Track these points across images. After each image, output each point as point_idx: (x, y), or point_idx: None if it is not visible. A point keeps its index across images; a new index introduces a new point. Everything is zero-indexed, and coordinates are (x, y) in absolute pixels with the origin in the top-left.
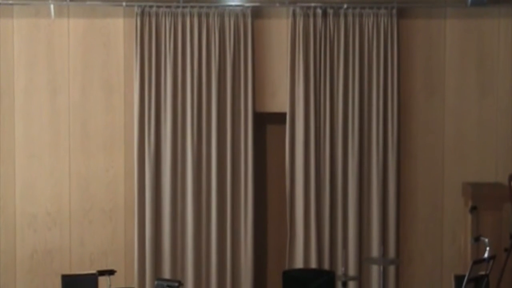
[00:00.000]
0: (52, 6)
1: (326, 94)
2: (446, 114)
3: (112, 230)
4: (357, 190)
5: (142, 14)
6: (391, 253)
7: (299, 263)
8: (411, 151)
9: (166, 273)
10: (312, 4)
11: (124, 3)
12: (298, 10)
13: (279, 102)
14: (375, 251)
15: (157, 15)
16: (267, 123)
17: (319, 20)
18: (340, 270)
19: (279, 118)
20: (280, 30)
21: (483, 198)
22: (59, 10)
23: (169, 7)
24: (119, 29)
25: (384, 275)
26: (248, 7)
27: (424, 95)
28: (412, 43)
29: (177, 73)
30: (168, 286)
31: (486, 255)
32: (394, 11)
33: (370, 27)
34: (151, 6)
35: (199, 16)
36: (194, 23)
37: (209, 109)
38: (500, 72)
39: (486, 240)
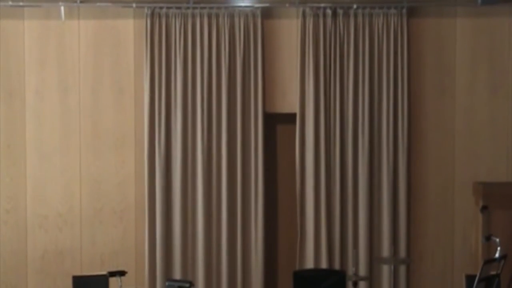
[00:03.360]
0: (62, 8)
1: (336, 94)
2: (457, 113)
3: (123, 230)
4: (368, 189)
5: (152, 15)
6: (402, 252)
7: (309, 263)
8: (422, 150)
9: (177, 274)
10: (322, 4)
11: (134, 4)
12: (308, 10)
13: (289, 102)
14: (385, 251)
15: (167, 16)
16: (277, 124)
17: (329, 20)
18: (350, 270)
19: (289, 118)
20: (290, 31)
21: (494, 197)
22: (69, 12)
23: (179, 8)
24: (129, 30)
25: (394, 275)
26: (258, 7)
27: (435, 94)
28: (422, 42)
29: (187, 73)
30: (179, 286)
31: (497, 254)
32: (404, 10)
33: (380, 27)
34: (161, 7)
35: (209, 16)
36: (204, 24)
37: (219, 110)
38: (510, 70)
39: (497, 239)
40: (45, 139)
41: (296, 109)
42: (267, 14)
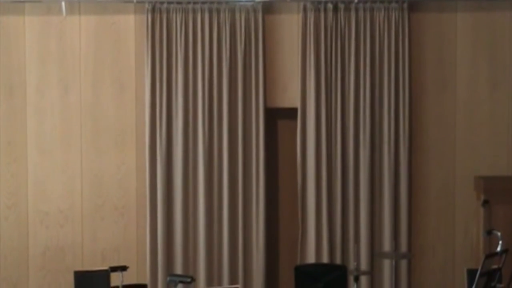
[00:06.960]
0: (63, 3)
1: (337, 89)
2: (458, 107)
3: (124, 226)
4: (369, 184)
5: (153, 10)
6: (403, 247)
7: (311, 258)
8: (423, 145)
9: (178, 269)
10: None
11: (135, 0)
12: (309, 5)
13: (290, 97)
14: (387, 245)
15: (168, 11)
16: (279, 119)
17: (330, 15)
18: (352, 265)
19: (291, 113)
20: (291, 25)
21: (495, 191)
22: (70, 7)
23: (180, 3)
24: (130, 26)
25: (396, 269)
26: (259, 2)
27: (436, 89)
28: (423, 37)
29: (188, 69)
30: (180, 281)
31: (498, 248)
32: (405, 5)
33: (381, 21)
34: (162, 2)
35: (210, 12)
36: (205, 19)
37: (220, 105)
38: (511, 64)
39: (499, 233)
40: (46, 135)
41: (297, 104)
42: (268, 9)
